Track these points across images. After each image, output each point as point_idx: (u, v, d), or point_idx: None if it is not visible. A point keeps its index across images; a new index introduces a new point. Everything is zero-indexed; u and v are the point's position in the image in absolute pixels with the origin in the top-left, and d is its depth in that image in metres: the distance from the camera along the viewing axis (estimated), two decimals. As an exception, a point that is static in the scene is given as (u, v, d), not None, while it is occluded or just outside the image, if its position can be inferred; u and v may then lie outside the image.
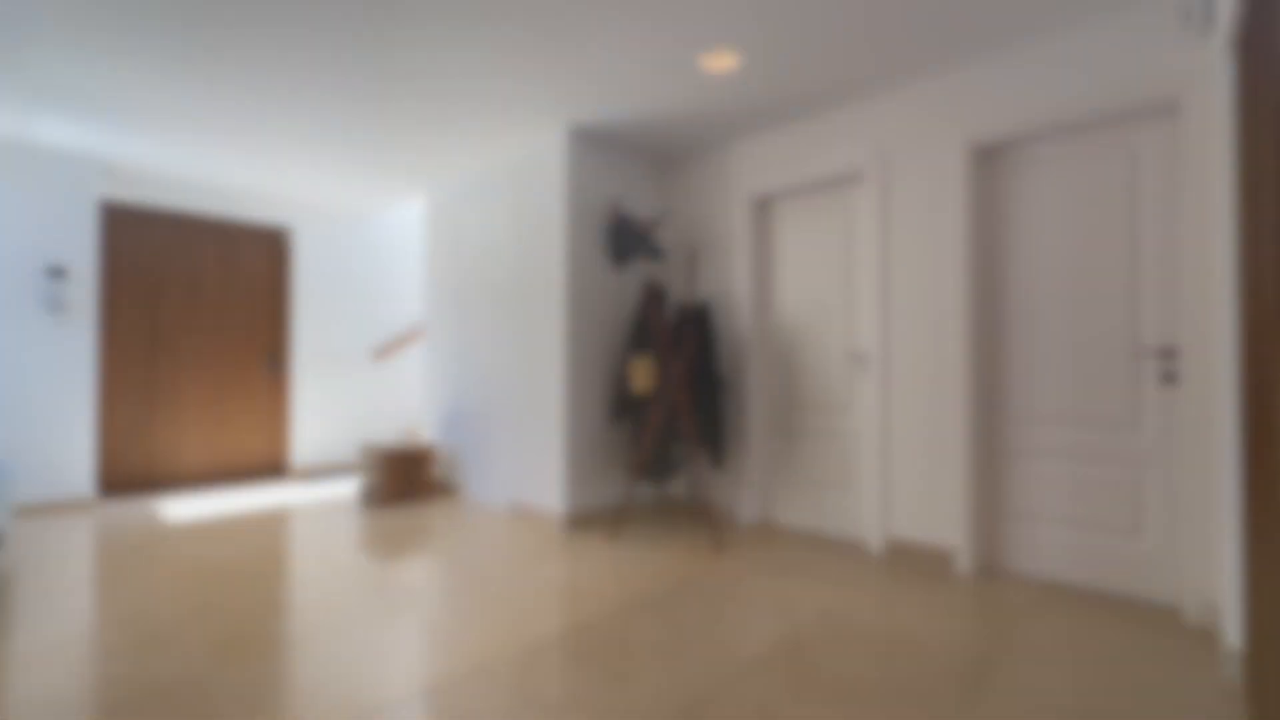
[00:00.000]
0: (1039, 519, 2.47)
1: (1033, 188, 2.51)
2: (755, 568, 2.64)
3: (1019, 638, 1.96)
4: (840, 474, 3.08)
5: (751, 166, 3.38)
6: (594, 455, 3.42)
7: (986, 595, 2.32)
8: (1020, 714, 1.54)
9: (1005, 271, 2.58)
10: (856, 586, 2.41)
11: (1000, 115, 2.49)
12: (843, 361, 3.09)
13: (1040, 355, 2.48)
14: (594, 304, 3.44)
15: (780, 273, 3.36)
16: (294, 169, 3.99)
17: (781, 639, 1.96)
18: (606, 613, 2.17)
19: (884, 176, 2.84)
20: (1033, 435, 2.49)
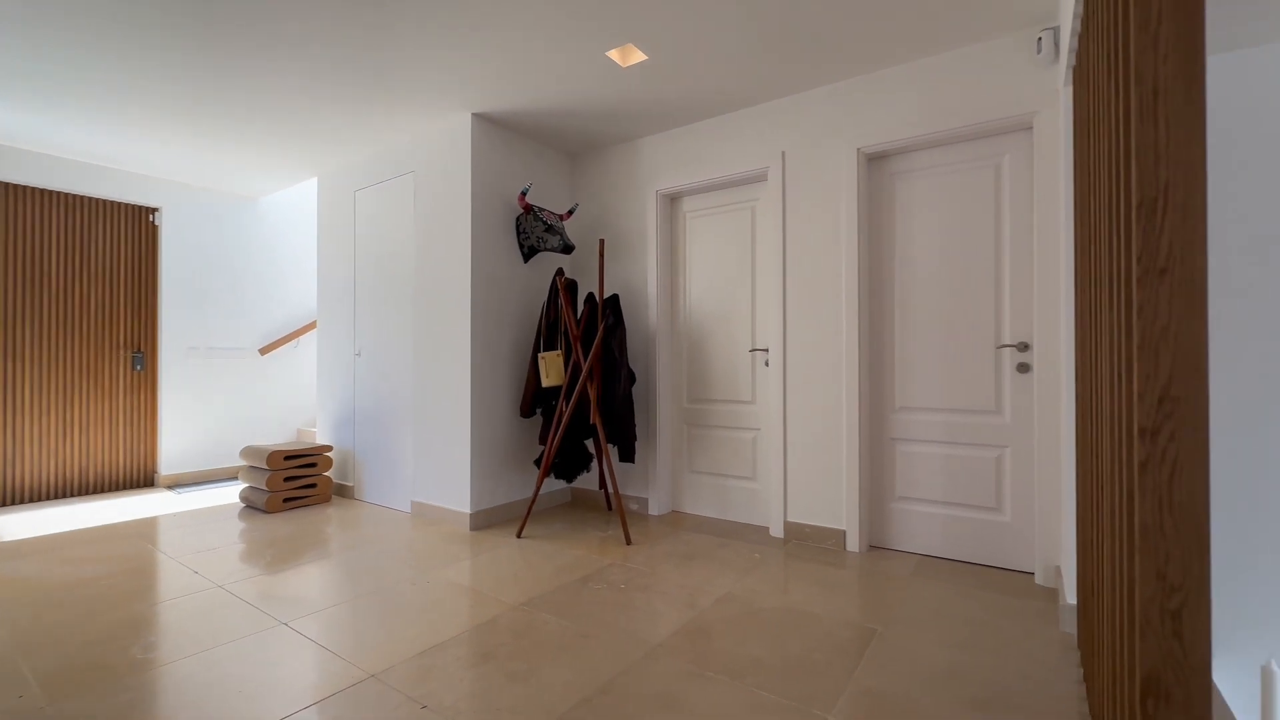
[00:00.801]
0: (918, 499, 2.69)
1: (913, 194, 2.72)
2: (663, 558, 2.68)
3: (898, 608, 2.13)
4: (745, 464, 3.20)
5: (661, 163, 3.43)
6: (502, 452, 3.34)
7: (873, 571, 2.49)
8: (897, 675, 1.67)
9: (890, 271, 2.78)
10: (758, 571, 2.52)
11: (885, 126, 2.69)
12: (747, 356, 3.20)
13: (918, 349, 2.70)
14: (502, 296, 3.35)
15: (689, 268, 3.43)
16: (162, 143, 3.58)
17: (686, 625, 2.00)
18: (511, 611, 2.12)
19: (784, 179, 2.98)
20: (912, 423, 2.71)
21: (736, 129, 3.14)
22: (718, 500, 3.30)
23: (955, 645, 1.85)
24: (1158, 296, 0.78)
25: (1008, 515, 2.48)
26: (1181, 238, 0.76)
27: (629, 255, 3.56)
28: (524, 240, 3.40)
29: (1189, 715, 0.75)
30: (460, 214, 3.22)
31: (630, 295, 3.54)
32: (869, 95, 2.74)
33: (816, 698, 1.56)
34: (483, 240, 3.24)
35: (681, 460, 3.45)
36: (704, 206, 3.38)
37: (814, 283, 2.88)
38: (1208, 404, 0.75)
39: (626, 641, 1.88)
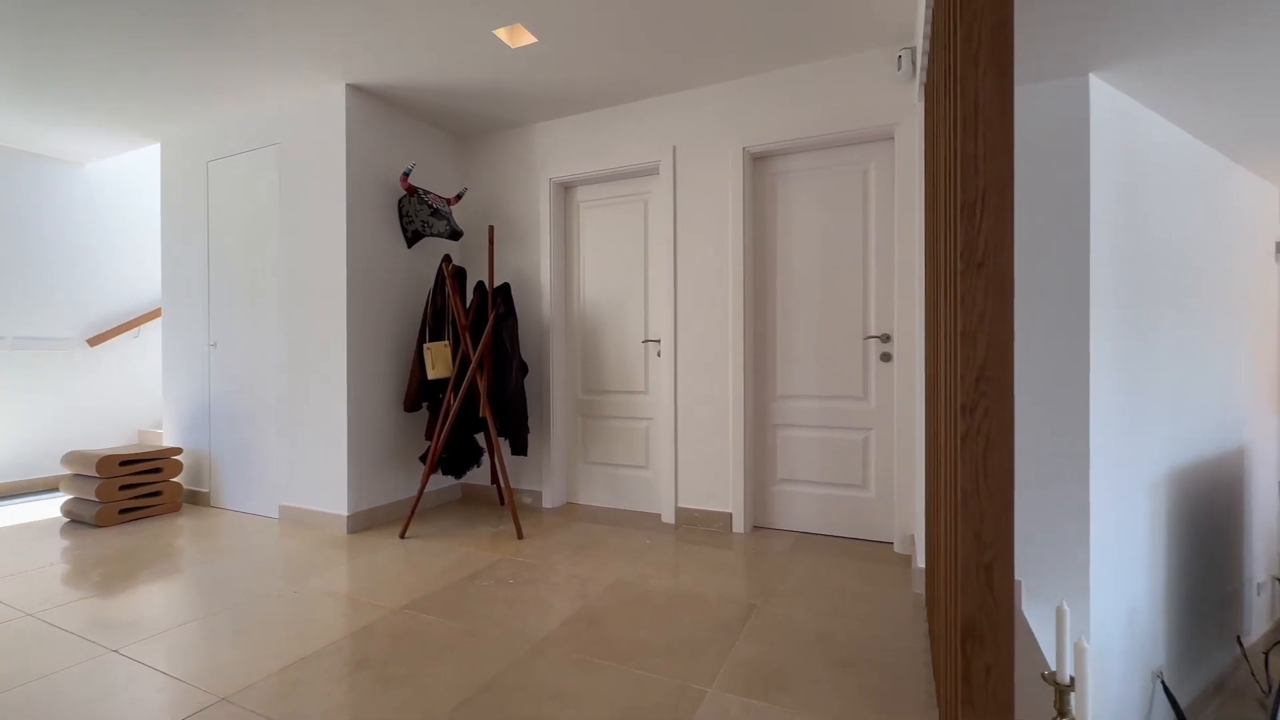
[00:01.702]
0: (796, 480, 2.88)
1: (793, 194, 2.89)
2: (555, 550, 2.66)
3: (776, 583, 2.27)
4: (638, 454, 3.25)
5: (555, 150, 3.37)
6: (384, 449, 3.14)
7: (756, 550, 2.64)
8: (772, 644, 1.78)
9: (773, 266, 2.94)
10: (649, 556, 2.57)
11: (768, 127, 2.82)
12: (640, 347, 3.25)
13: (797, 340, 2.88)
14: (383, 283, 3.14)
15: (583, 259, 3.41)
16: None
17: (576, 615, 2.00)
18: (391, 615, 2.01)
19: (675, 173, 3.04)
20: (791, 409, 2.89)
21: (630, 121, 3.16)
22: (612, 490, 3.33)
23: (824, 612, 2.01)
24: (976, 288, 0.88)
25: (872, 491, 2.73)
26: (995, 236, 0.86)
27: (521, 243, 3.47)
28: (407, 224, 3.21)
29: (998, 652, 0.87)
30: (334, 193, 2.98)
31: (523, 285, 3.46)
32: (754, 96, 2.86)
33: (698, 673, 1.63)
34: (361, 223, 3.01)
35: (576, 451, 3.44)
36: (598, 197, 3.37)
37: (703, 276, 2.98)
38: (1013, 383, 0.86)
39: (514, 637, 1.85)
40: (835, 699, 1.51)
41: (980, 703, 0.88)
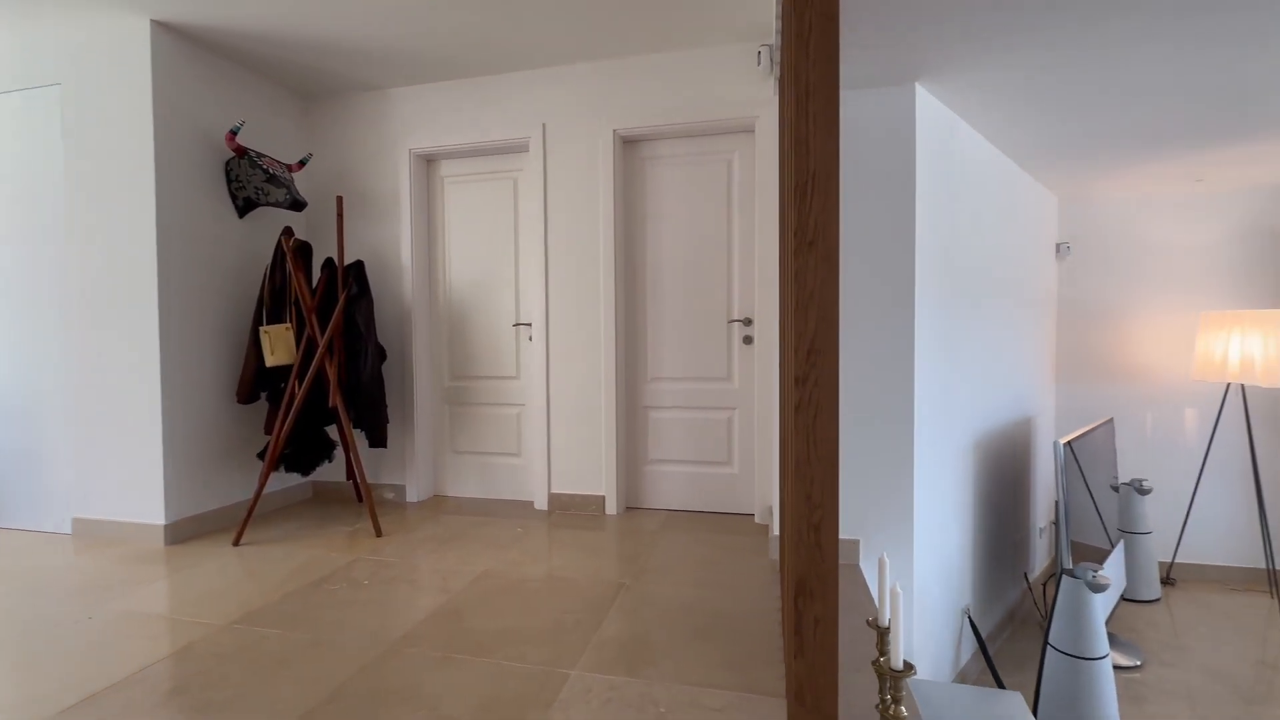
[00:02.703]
0: (667, 460, 2.96)
1: (662, 179, 2.93)
2: (418, 545, 2.51)
3: (646, 561, 2.32)
4: (510, 441, 3.16)
5: (416, 119, 3.13)
6: (213, 447, 2.76)
7: (627, 530, 2.67)
8: (638, 620, 1.81)
9: (643, 250, 2.97)
10: (519, 545, 2.51)
11: (638, 111, 2.83)
12: (511, 330, 3.15)
13: (668, 323, 2.94)
14: (207, 258, 2.74)
15: (449, 237, 3.22)
16: None
17: (437, 610, 1.90)
18: (217, 633, 1.77)
19: (545, 152, 2.95)
20: (662, 391, 2.96)
21: (499, 94, 3.02)
22: (483, 479, 3.21)
23: (689, 584, 2.08)
24: (808, 265, 0.93)
25: (736, 467, 2.88)
26: (824, 216, 0.92)
27: (379, 219, 3.20)
28: (238, 191, 2.81)
29: (825, 605, 0.93)
30: (138, 149, 2.52)
31: (380, 263, 3.20)
32: (624, 79, 2.85)
33: (563, 657, 1.61)
34: (176, 186, 2.59)
35: (443, 441, 3.26)
36: (464, 172, 3.19)
37: (575, 258, 2.94)
38: (838, 356, 0.92)
39: (366, 640, 1.71)
40: (695, 666, 1.57)
41: (810, 653, 0.94)
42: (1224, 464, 3.51)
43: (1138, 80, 2.09)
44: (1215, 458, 3.52)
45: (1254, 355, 3.10)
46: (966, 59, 1.96)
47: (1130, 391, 3.75)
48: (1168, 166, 3.12)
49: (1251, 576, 3.51)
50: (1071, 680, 2.14)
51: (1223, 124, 2.50)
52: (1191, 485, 3.57)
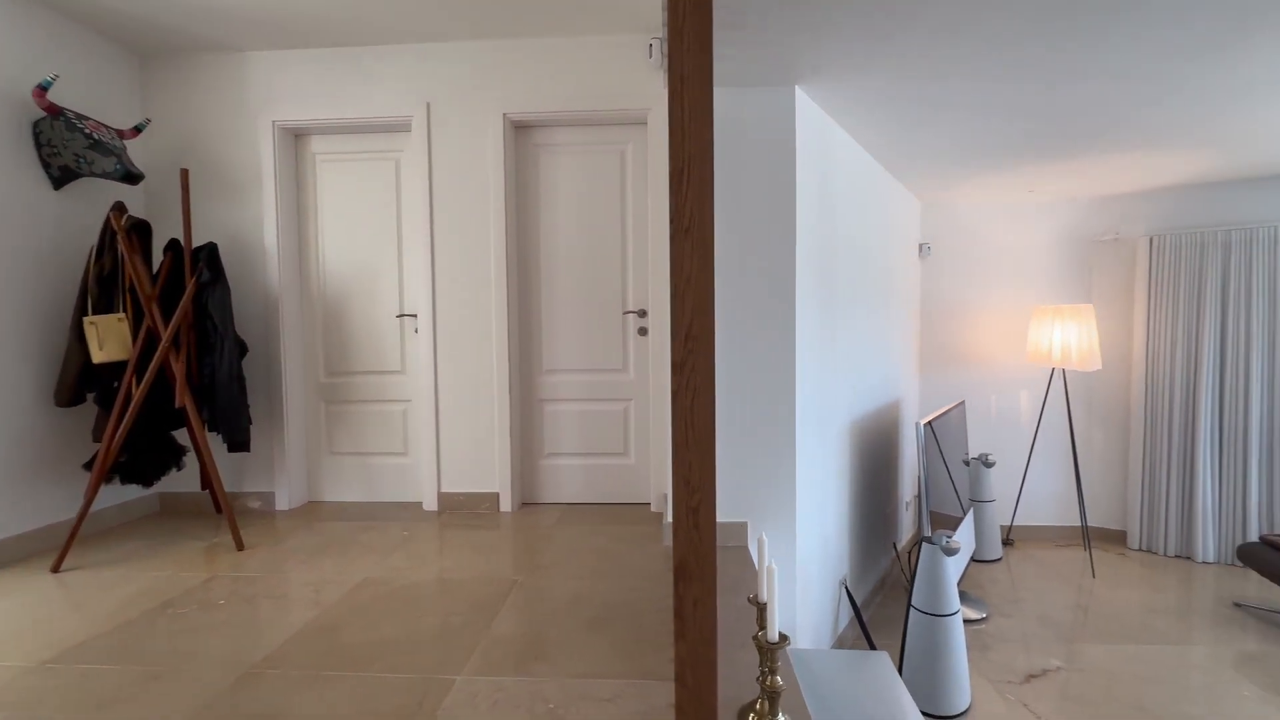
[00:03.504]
0: (563, 453, 2.92)
1: (557, 168, 2.88)
2: (289, 557, 2.29)
3: (541, 556, 2.27)
4: (395, 439, 2.97)
5: (282, 89, 2.83)
6: (22, 458, 2.34)
7: (523, 526, 2.61)
8: (530, 616, 1.77)
9: (537, 240, 2.90)
10: (405, 549, 2.36)
11: (530, 96, 2.75)
12: (395, 322, 2.95)
13: (563, 314, 2.90)
14: (13, 238, 2.31)
15: (323, 220, 2.96)
16: None
17: (307, 626, 1.74)
18: (23, 676, 1.50)
19: (430, 133, 2.79)
20: (558, 384, 2.91)
21: (377, 66, 2.80)
22: (366, 482, 2.99)
23: (584, 576, 2.07)
24: (684, 252, 0.93)
25: (632, 458, 2.90)
26: (699, 203, 0.93)
27: (236, 198, 2.86)
28: (51, 157, 2.40)
29: (703, 586, 0.95)
30: (-93, 99, 2.07)
31: (239, 247, 2.87)
32: (514, 61, 2.76)
33: (449, 662, 1.53)
34: (-38, 146, 2.16)
35: (319, 442, 3.00)
36: (340, 150, 2.94)
37: (465, 247, 2.81)
38: (714, 341, 0.94)
39: (219, 668, 1.53)
40: (588, 658, 1.55)
41: (690, 634, 0.96)
42: (1050, 438, 4.06)
43: (977, 99, 2.34)
44: (1044, 433, 4.06)
45: (1071, 343, 3.60)
46: (836, 66, 2.09)
47: (979, 376, 4.23)
48: (1006, 178, 3.53)
49: (1071, 534, 4.09)
50: (930, 636, 2.37)
51: (1047, 142, 2.86)
52: (1025, 457, 4.09)
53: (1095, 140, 2.84)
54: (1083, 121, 2.60)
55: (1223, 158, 3.19)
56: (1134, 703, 2.39)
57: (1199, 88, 2.25)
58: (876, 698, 1.75)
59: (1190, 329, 3.73)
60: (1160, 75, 2.13)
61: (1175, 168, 3.36)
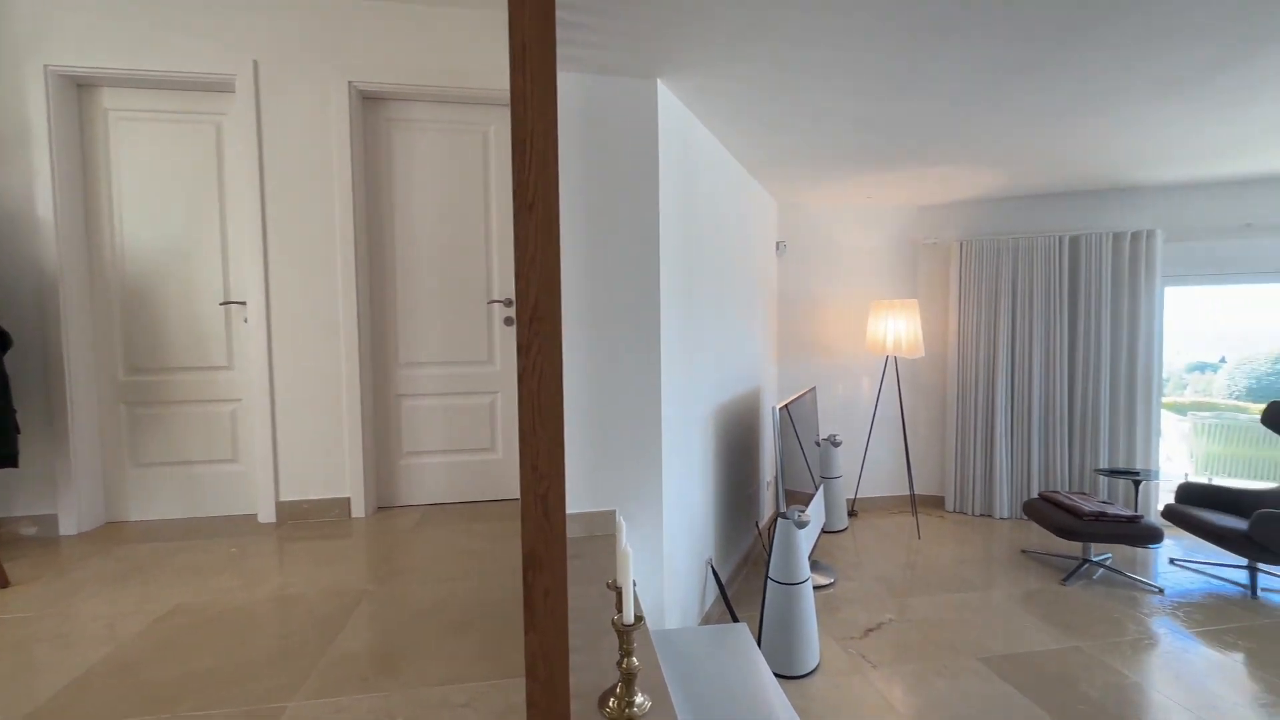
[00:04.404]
0: (425, 452, 2.74)
1: (414, 146, 2.68)
2: (77, 590, 1.91)
3: (397, 562, 2.11)
4: (222, 444, 2.60)
5: (58, 27, 2.34)
6: None
7: (378, 532, 2.41)
8: (382, 628, 1.63)
9: (391, 223, 2.68)
10: (234, 568, 2.08)
11: (380, 65, 2.53)
12: (219, 310, 2.58)
13: (422, 303, 2.71)
14: None
15: (120, 188, 2.50)
16: None
17: (97, 666, 1.46)
18: None
19: (259, 96, 2.46)
20: (417, 378, 2.73)
21: (187, 12, 2.41)
22: (184, 495, 2.59)
23: (446, 579, 1.95)
24: (528, 230, 0.89)
25: (500, 452, 2.80)
26: (543, 179, 0.89)
27: (-5, 155, 2.33)
28: None
29: (553, 575, 0.92)
30: None
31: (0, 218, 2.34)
32: (361, 24, 2.51)
33: (280, 689, 1.37)
34: None
35: (118, 452, 2.54)
36: (142, 108, 2.50)
37: (304, 227, 2.52)
38: (561, 323, 0.91)
39: (-39, 734, 1.23)
40: (445, 664, 1.46)
41: (541, 625, 0.93)
42: (886, 418, 4.56)
43: (822, 108, 2.54)
44: (880, 414, 4.55)
45: (901, 334, 4.07)
46: (695, 63, 2.15)
47: (828, 364, 4.64)
48: (850, 184, 3.89)
49: (903, 502, 4.64)
50: (785, 604, 2.56)
51: (881, 153, 3.19)
52: (865, 436, 4.57)
53: (918, 155, 3.21)
54: (909, 136, 2.93)
55: (1014, 177, 3.77)
56: (948, 644, 2.75)
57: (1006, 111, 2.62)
58: (736, 668, 1.85)
59: (990, 321, 4.38)
60: (975, 95, 2.46)
61: (980, 183, 3.91)
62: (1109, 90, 2.41)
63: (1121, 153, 3.27)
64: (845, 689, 2.43)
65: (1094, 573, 3.47)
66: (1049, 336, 4.28)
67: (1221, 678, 2.49)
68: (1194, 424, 5.88)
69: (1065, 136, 2.96)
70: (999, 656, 2.64)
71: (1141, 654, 2.67)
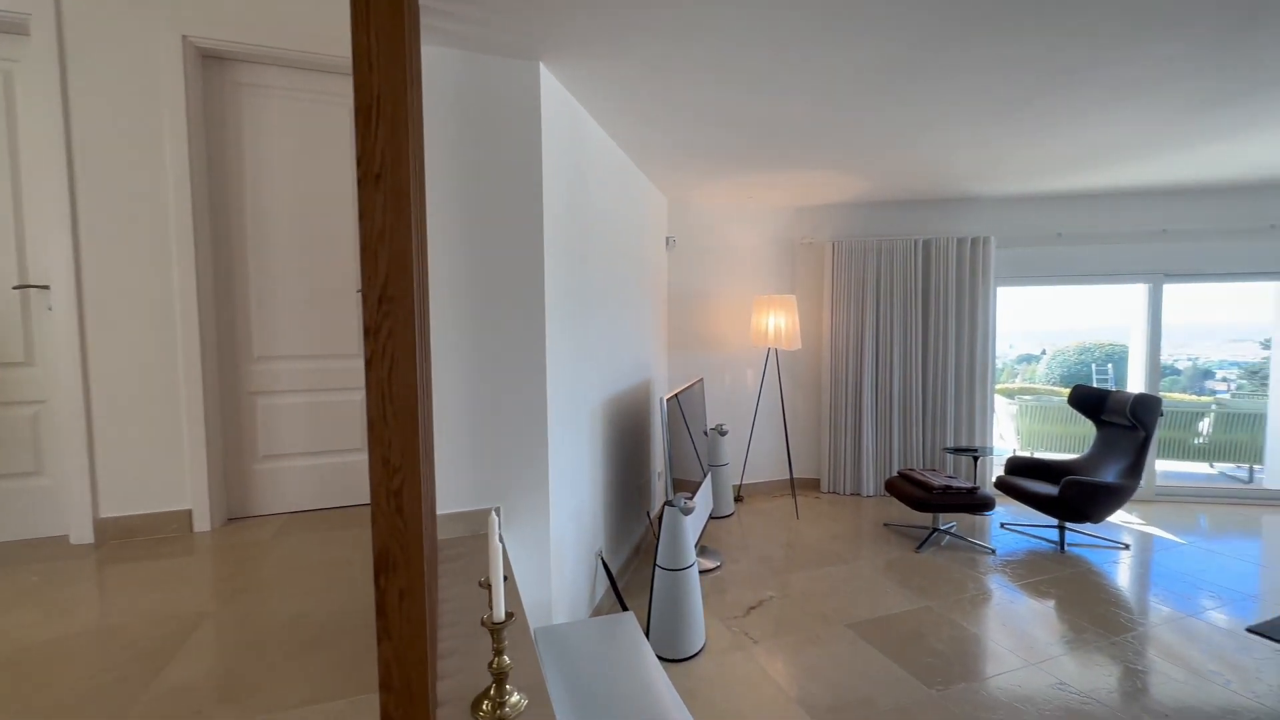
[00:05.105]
0: (285, 455, 2.48)
1: (269, 115, 2.40)
2: None
3: (247, 578, 1.89)
4: (22, 454, 2.19)
5: None
6: None
7: (226, 547, 2.15)
8: (220, 653, 1.45)
9: (242, 201, 2.39)
10: (34, 600, 1.75)
11: (223, 19, 2.23)
12: (12, 297, 2.16)
13: (281, 291, 2.45)
14: None
15: None
16: None
17: None
18: None
19: (63, 43, 2.08)
20: (276, 373, 2.46)
21: (-41, -66, 1.98)
22: (-33, 518, 2.15)
23: (306, 593, 1.78)
24: (375, 202, 0.82)
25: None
26: (393, 147, 0.82)
27: None
28: None
29: (410, 576, 0.86)
30: None
31: None
32: (198, -27, 2.21)
33: (86, 736, 1.17)
34: None
35: None
36: (-106, 44, 2.02)
37: (128, 202, 2.17)
38: (414, 302, 0.84)
39: None
40: (302, 686, 1.33)
41: (396, 632, 0.86)
42: (768, 407, 4.82)
43: (702, 104, 2.61)
44: (763, 403, 4.80)
45: (781, 327, 4.31)
46: (577, 48, 2.12)
47: (717, 356, 4.81)
48: (733, 184, 4.05)
49: (784, 486, 4.93)
50: (672, 589, 2.61)
51: (759, 154, 3.35)
52: (750, 424, 4.80)
53: (792, 158, 3.41)
54: (781, 139, 3.09)
55: (876, 185, 4.12)
56: (820, 614, 2.96)
57: (868, 123, 2.84)
58: (621, 657, 1.85)
59: (858, 316, 4.76)
60: (840, 104, 2.63)
61: (849, 188, 4.23)
62: (949, 110, 2.70)
63: (962, 167, 3.69)
64: (728, 666, 2.54)
65: (942, 540, 3.89)
66: (906, 330, 4.73)
67: (1038, 622, 2.90)
68: (1019, 406, 6.80)
69: (915, 148, 3.28)
70: (863, 621, 2.88)
71: (979, 608, 3.03)
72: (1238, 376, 8.87)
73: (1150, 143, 3.23)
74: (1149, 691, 2.36)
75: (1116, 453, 3.89)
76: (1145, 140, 3.18)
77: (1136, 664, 2.55)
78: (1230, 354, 10.11)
